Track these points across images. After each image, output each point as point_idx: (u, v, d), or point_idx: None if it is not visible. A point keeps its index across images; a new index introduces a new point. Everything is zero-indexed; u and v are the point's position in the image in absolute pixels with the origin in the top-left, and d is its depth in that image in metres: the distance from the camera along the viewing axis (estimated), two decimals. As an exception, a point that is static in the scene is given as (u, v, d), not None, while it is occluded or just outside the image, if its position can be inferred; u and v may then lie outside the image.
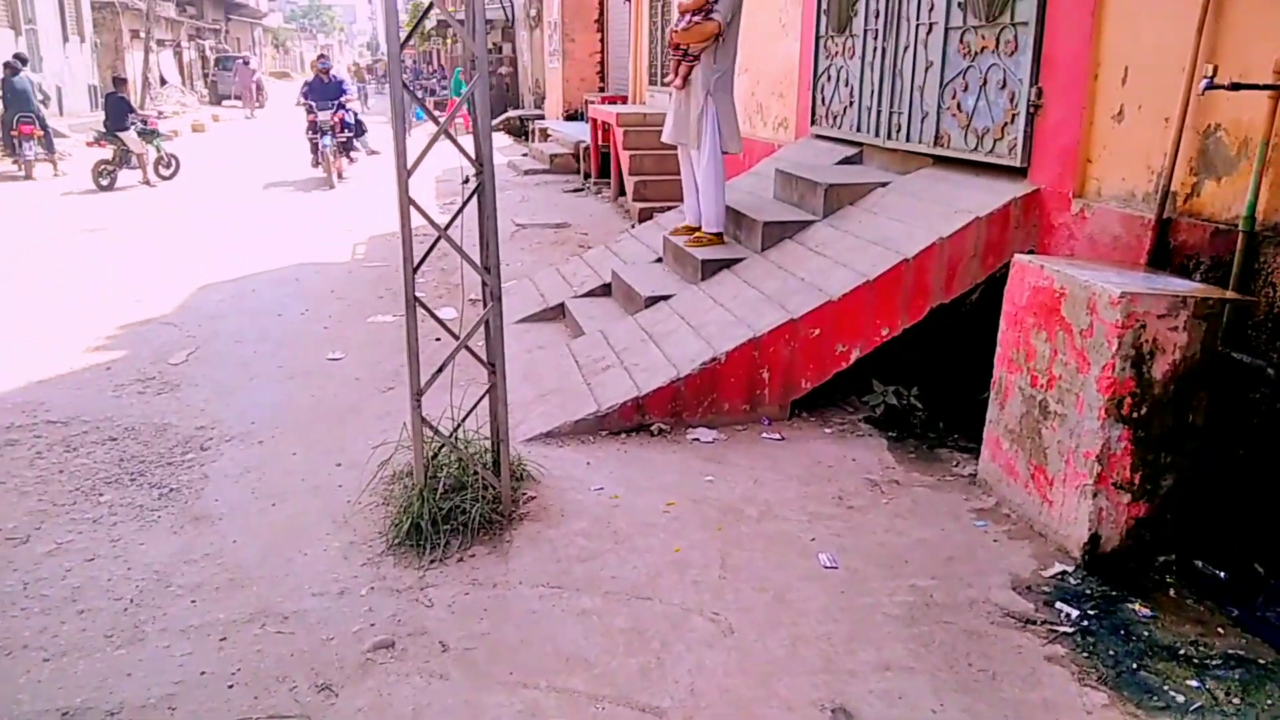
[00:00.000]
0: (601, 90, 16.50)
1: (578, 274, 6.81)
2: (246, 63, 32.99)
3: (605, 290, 6.35)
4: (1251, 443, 3.50)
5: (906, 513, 3.75)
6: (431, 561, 3.27)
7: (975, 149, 5.24)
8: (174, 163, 13.71)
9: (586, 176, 12.84)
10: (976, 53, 5.21)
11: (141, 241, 9.21)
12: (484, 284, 3.75)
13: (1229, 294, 3.47)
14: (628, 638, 2.88)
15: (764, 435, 4.46)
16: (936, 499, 3.88)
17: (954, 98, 5.41)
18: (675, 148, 6.06)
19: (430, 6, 3.47)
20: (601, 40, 17.22)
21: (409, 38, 3.48)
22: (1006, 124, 4.99)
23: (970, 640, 2.92)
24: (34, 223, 10.19)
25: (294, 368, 5.40)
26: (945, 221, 4.81)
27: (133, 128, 12.93)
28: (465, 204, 3.77)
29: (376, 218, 10.05)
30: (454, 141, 3.82)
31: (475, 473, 3.61)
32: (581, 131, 13.73)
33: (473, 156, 3.62)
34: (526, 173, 13.75)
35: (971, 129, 5.27)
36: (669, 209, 7.85)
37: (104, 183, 12.75)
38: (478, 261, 3.62)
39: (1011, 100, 4.93)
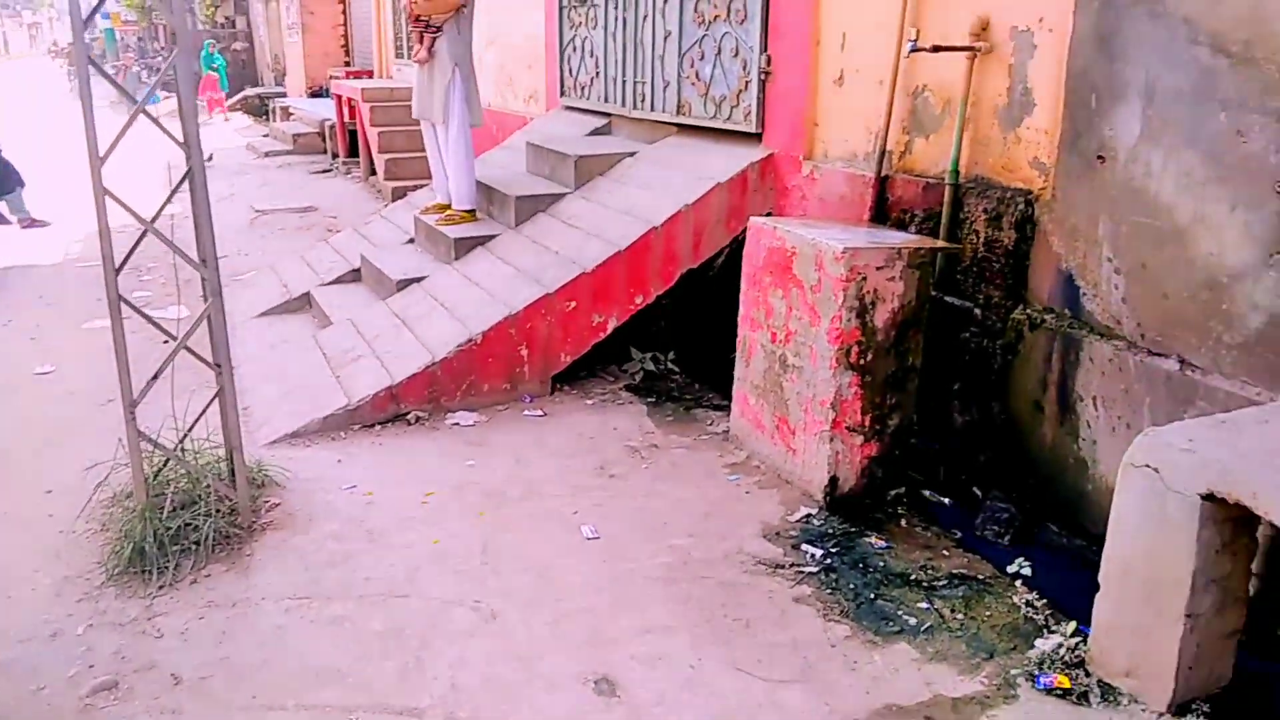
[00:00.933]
0: (347, 65, 15.70)
1: (324, 260, 6.44)
2: None
3: (355, 276, 6.05)
4: (964, 378, 3.83)
5: (665, 475, 3.82)
6: (160, 587, 2.97)
7: (714, 116, 5.40)
8: None
9: (334, 156, 12.20)
10: (710, 21, 5.34)
11: None
12: (202, 279, 3.44)
13: (939, 243, 3.77)
14: (383, 641, 2.75)
15: (526, 413, 4.41)
16: (693, 458, 3.98)
17: (692, 66, 5.53)
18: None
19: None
20: (344, 12, 16.39)
21: (96, 9, 3.10)
22: (741, 91, 5.16)
23: (726, 591, 3.01)
24: None
25: (-7, 386, 4.77)
26: (689, 189, 4.92)
27: None
28: (174, 191, 3.43)
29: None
30: (154, 121, 3.45)
31: (208, 485, 3.32)
32: (327, 109, 13.00)
33: (179, 138, 3.29)
34: (267, 154, 12.86)
35: (710, 97, 5.42)
36: (422, 187, 7.59)
37: None
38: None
39: (744, 68, 5.10)
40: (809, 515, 3.46)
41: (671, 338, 4.89)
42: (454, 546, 3.26)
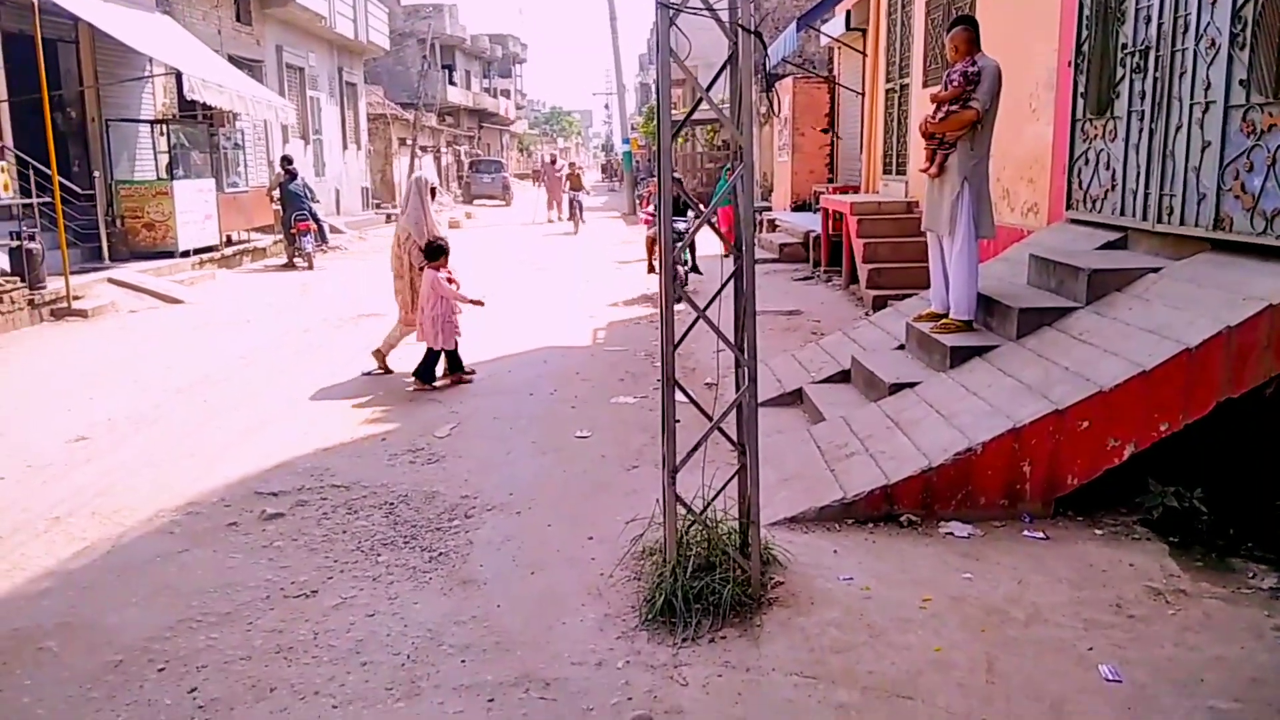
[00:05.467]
0: (830, 181, 16.59)
1: (814, 360, 6.78)
2: (553, 161, 29.41)
3: (844, 376, 6.27)
4: None
5: (1198, 626, 3.37)
6: (684, 640, 3.28)
7: (1264, 232, 4.81)
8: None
9: (815, 265, 12.86)
10: (1263, 131, 4.82)
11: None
12: (737, 364, 3.82)
13: None
14: (890, 737, 2.74)
15: (1026, 533, 4.18)
16: (1233, 613, 3.47)
17: (1236, 178, 5.01)
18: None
19: (699, 101, 3.66)
20: (832, 133, 17.40)
21: (680, 128, 3.68)
22: (1301, 204, 4.55)
23: (1291, 778, 2.55)
24: (316, 306, 11.45)
25: (546, 444, 5.68)
26: (1231, 309, 4.41)
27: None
28: (723, 287, 3.88)
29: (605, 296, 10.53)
30: (714, 229, 3.97)
31: (724, 553, 3.62)
32: (810, 221, 13.81)
33: (730, 243, 3.74)
34: (756, 262, 13.93)
35: (1258, 211, 4.85)
36: (903, 297, 7.69)
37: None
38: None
39: (1307, 178, 4.50)
40: None
41: (1200, 473, 4.35)
42: (956, 658, 3.17)
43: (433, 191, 7.32)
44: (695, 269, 12.14)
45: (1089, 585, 3.69)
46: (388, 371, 7.51)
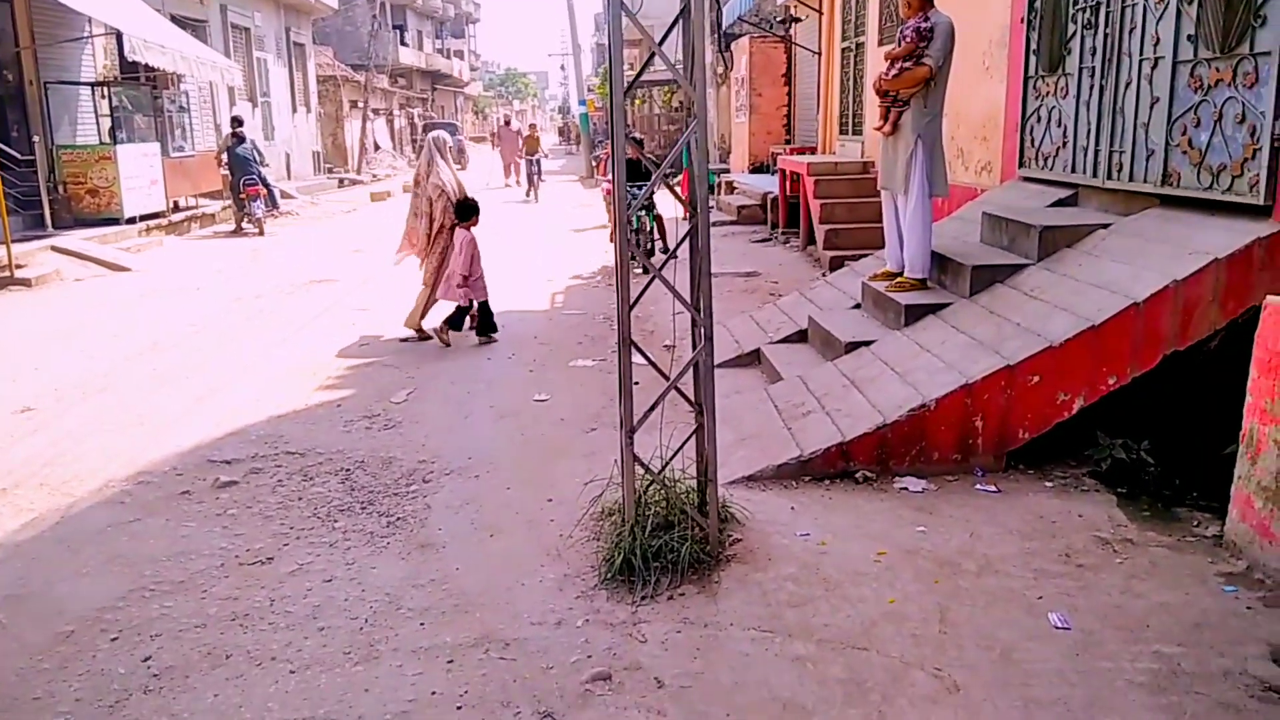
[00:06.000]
0: (788, 142, 16.57)
1: (772, 320, 6.80)
2: (507, 122, 26.93)
3: (801, 336, 6.31)
4: None
5: (1144, 574, 3.46)
6: (643, 598, 3.30)
7: (1210, 187, 4.89)
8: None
9: (774, 227, 12.88)
10: (1210, 86, 4.88)
11: (365, 289, 9.97)
12: (693, 324, 3.81)
13: None
14: (846, 688, 2.79)
15: (978, 487, 4.26)
16: (1177, 561, 3.57)
17: (1184, 134, 5.08)
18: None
19: (652, 56, 3.61)
20: (789, 94, 17.34)
21: (631, 86, 3.63)
22: (1246, 160, 4.63)
23: (1228, 713, 2.65)
24: (267, 272, 11.24)
25: (504, 408, 5.65)
26: (1178, 264, 4.49)
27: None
28: (678, 246, 3.86)
29: (564, 263, 10.46)
30: (670, 188, 3.94)
31: (683, 512, 3.64)
32: (768, 183, 13.81)
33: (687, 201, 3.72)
34: (713, 224, 13.91)
35: (1205, 166, 4.92)
36: (860, 257, 7.74)
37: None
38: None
39: (1252, 135, 4.57)
40: (1339, 646, 2.93)
41: (1145, 425, 4.45)
42: (909, 610, 3.23)
43: (460, 150, 7.21)
44: (665, 247, 11.11)
45: (1039, 536, 3.77)
46: (425, 338, 7.39)
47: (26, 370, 6.82)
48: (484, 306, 7.29)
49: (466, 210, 7.15)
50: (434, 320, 7.31)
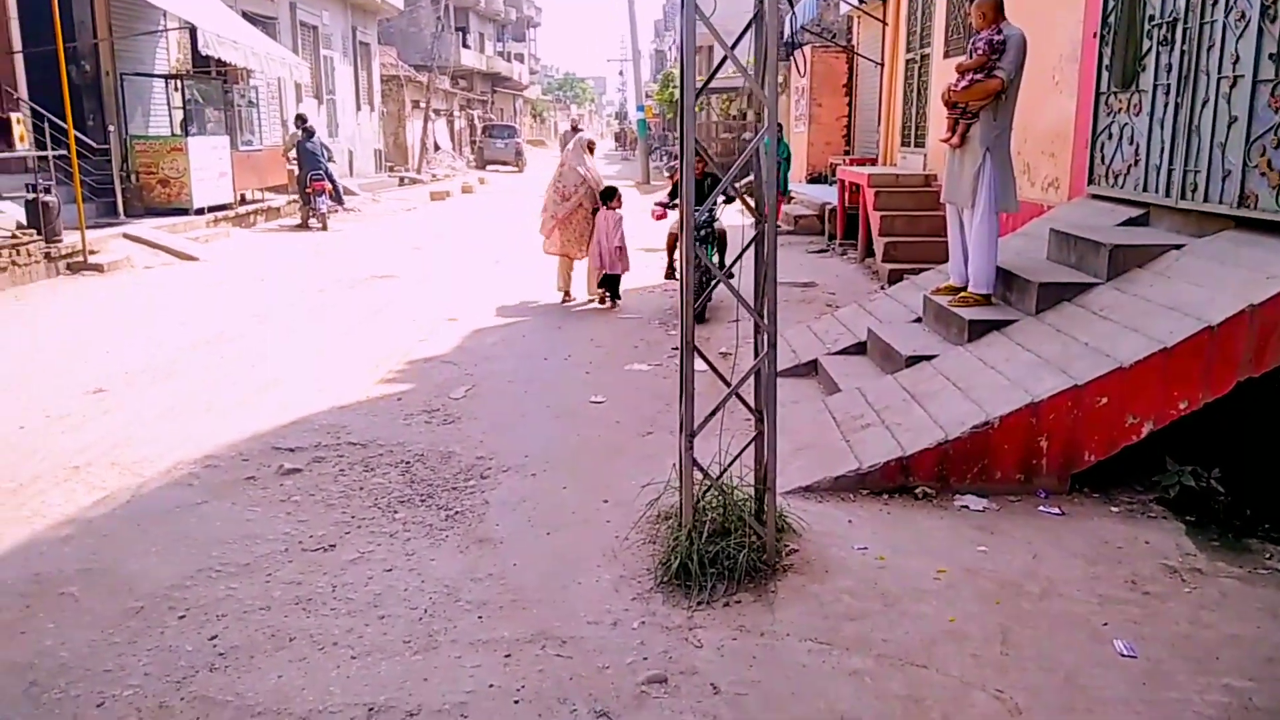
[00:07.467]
0: (847, 153, 16.45)
1: (830, 331, 6.76)
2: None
3: (859, 349, 6.26)
4: None
5: (1213, 605, 3.38)
6: (699, 603, 3.30)
7: (1291, 210, 4.76)
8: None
9: (831, 238, 12.79)
10: (1293, 106, 4.75)
11: (424, 286, 10.11)
12: (756, 330, 3.81)
13: None
14: (904, 705, 2.76)
15: (1041, 508, 4.19)
16: (1248, 593, 3.47)
17: (1263, 155, 4.95)
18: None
19: (724, 60, 3.62)
20: (850, 104, 17.23)
21: (700, 90, 3.64)
22: (1330, 183, 4.50)
23: (1305, 755, 2.57)
24: (330, 267, 11.45)
25: (560, 408, 5.69)
26: (1255, 288, 4.38)
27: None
28: (743, 252, 3.86)
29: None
30: (738, 194, 3.94)
31: (740, 519, 3.63)
32: (826, 193, 13.73)
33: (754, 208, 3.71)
34: (771, 233, 13.86)
35: (1286, 188, 4.79)
36: (919, 270, 7.65)
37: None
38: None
39: (1338, 157, 4.45)
40: None
41: (1217, 453, 4.33)
42: (970, 629, 3.18)
43: (590, 146, 9.14)
44: (722, 263, 10.04)
45: (1104, 561, 3.70)
46: (572, 299, 9.08)
47: (98, 353, 7.02)
48: (614, 282, 8.79)
49: (610, 193, 8.72)
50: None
